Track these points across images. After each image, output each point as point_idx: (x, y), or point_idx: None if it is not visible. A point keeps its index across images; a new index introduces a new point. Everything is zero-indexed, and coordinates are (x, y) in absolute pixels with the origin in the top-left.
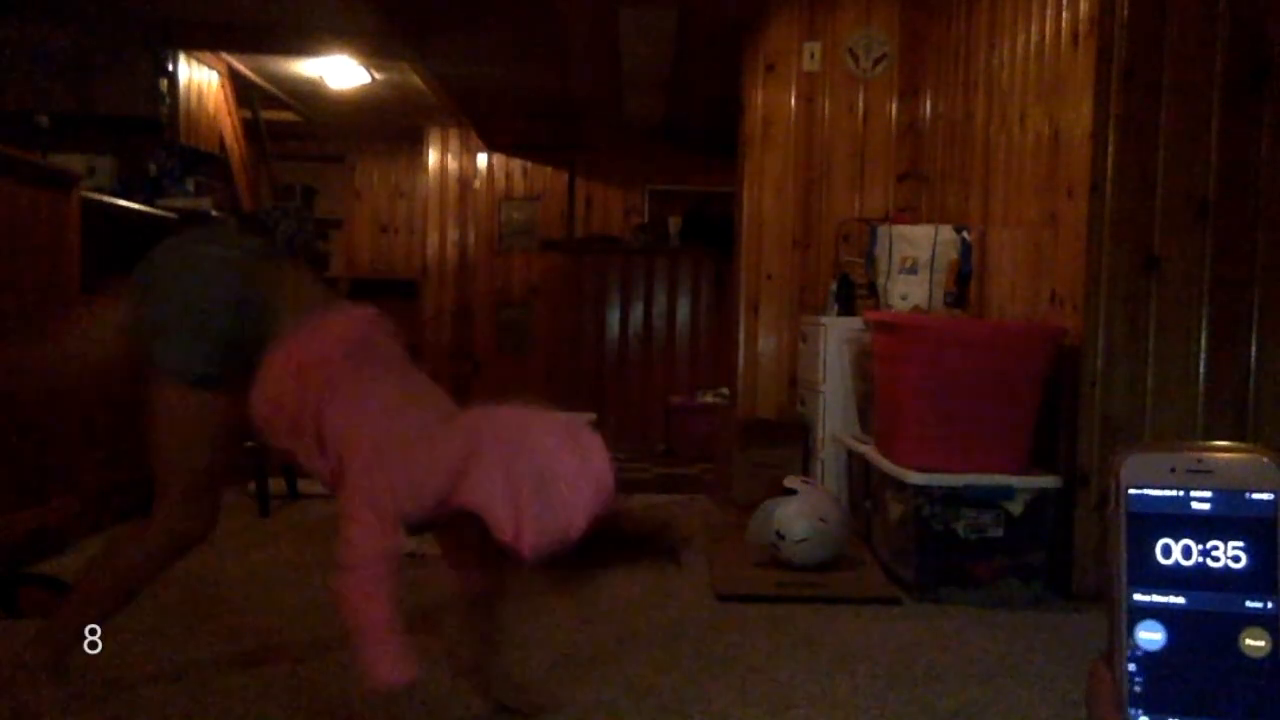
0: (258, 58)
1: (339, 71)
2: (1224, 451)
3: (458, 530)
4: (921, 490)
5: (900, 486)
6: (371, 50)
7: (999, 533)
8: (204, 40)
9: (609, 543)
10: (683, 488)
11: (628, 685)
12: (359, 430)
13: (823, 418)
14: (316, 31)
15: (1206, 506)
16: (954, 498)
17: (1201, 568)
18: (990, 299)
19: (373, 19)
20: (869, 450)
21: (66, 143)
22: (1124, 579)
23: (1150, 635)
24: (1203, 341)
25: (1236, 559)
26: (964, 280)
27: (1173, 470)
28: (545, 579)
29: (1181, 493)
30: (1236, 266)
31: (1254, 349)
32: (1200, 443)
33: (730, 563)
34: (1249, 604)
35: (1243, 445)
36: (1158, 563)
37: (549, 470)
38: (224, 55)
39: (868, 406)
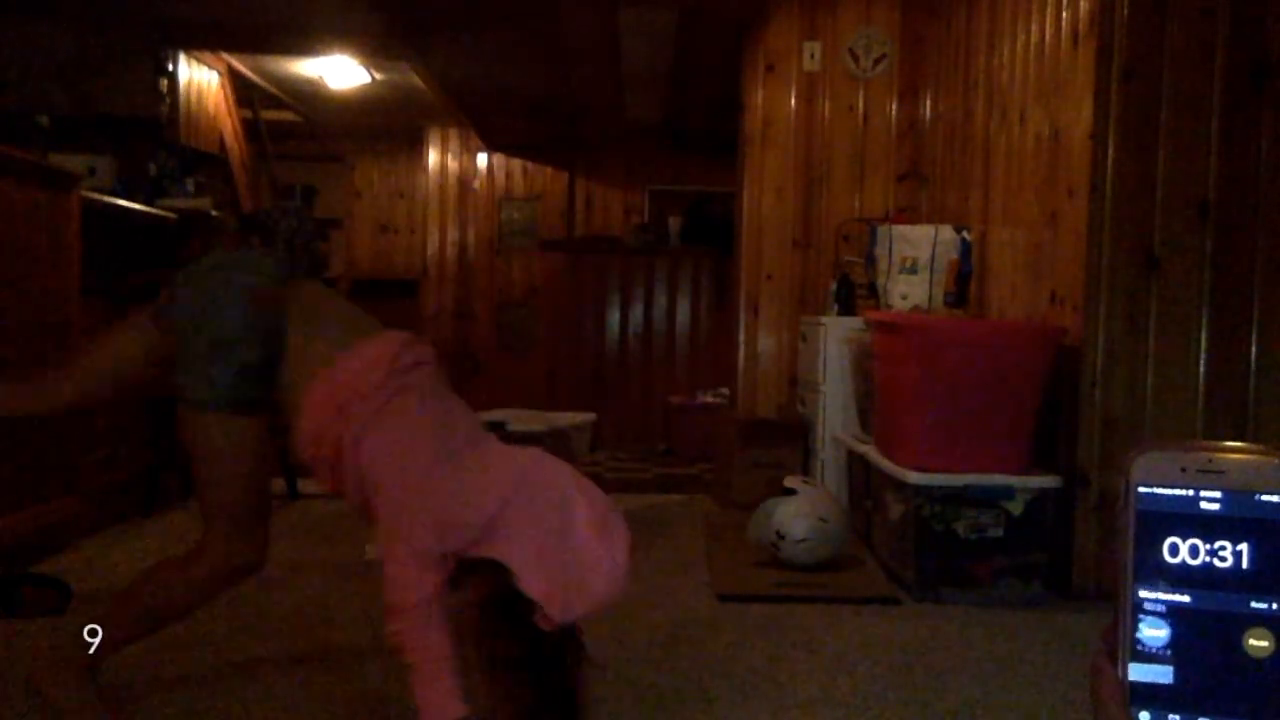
0: (258, 58)
1: (339, 71)
2: (1235, 452)
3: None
4: (921, 490)
5: (900, 486)
6: (371, 50)
7: (999, 533)
8: (204, 40)
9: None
10: (683, 488)
11: (628, 685)
12: (389, 466)
13: (823, 418)
14: (316, 31)
15: (1216, 506)
16: (954, 498)
17: (1208, 567)
18: (990, 299)
19: (373, 19)
20: (869, 450)
21: (66, 143)
22: (1130, 576)
23: (1155, 632)
24: (1203, 341)
25: (1244, 559)
26: (964, 280)
27: (1183, 470)
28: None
29: (1191, 492)
30: (1236, 266)
31: (1254, 349)
32: (1212, 443)
33: (730, 563)
34: (1254, 604)
35: (1255, 446)
36: (1165, 561)
37: (578, 548)
38: (224, 55)
39: (868, 406)
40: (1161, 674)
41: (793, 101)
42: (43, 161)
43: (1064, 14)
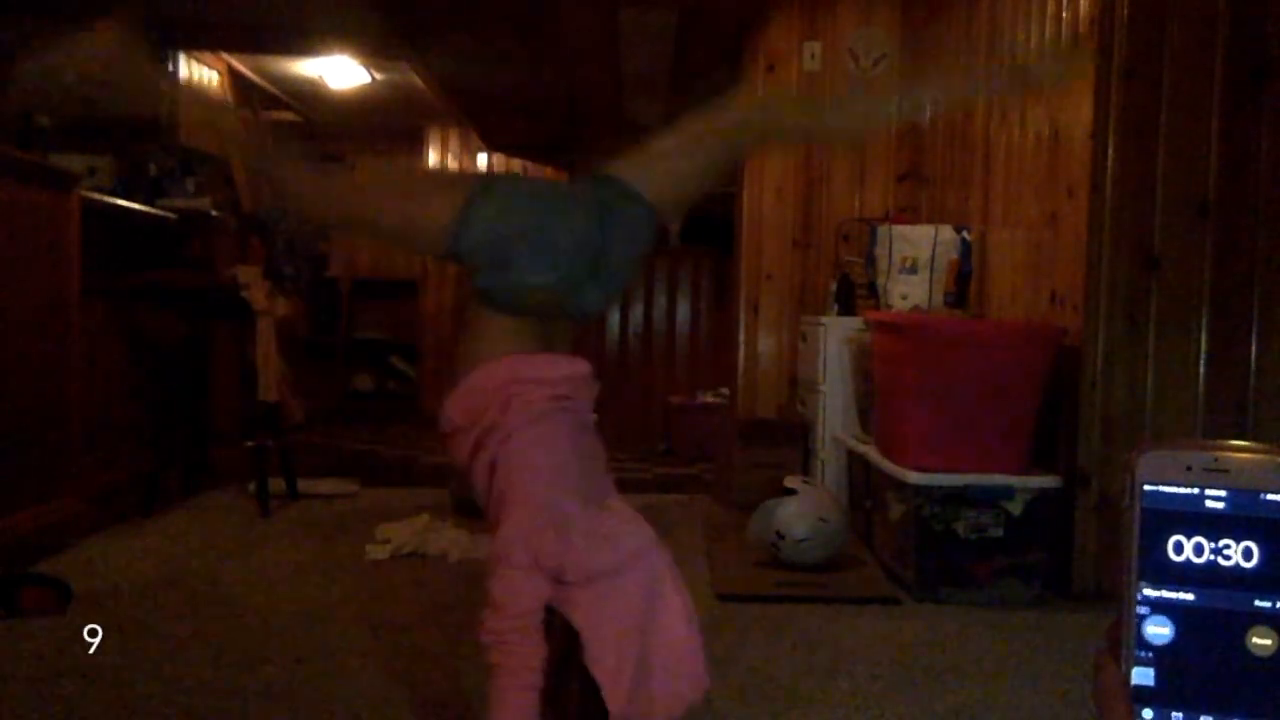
0: (258, 58)
1: (339, 71)
2: (1241, 451)
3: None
4: (921, 490)
5: (900, 486)
6: (371, 50)
7: (999, 533)
8: (204, 40)
9: None
10: (683, 488)
11: None
12: (531, 471)
13: (823, 418)
14: (316, 31)
15: (1220, 505)
16: (954, 498)
17: (1212, 565)
18: (990, 299)
19: (373, 19)
20: (869, 450)
21: (67, 143)
22: (1134, 574)
23: (1158, 630)
24: (1203, 341)
25: (1248, 558)
26: (964, 280)
27: (1189, 468)
28: None
29: (1196, 490)
30: (1236, 266)
31: (1254, 349)
32: (1218, 441)
33: (730, 563)
34: (1258, 603)
35: (1261, 445)
36: (1169, 559)
37: (660, 646)
38: (224, 55)
39: (868, 406)
40: (1164, 672)
41: None
42: (43, 161)
43: (1064, 14)
